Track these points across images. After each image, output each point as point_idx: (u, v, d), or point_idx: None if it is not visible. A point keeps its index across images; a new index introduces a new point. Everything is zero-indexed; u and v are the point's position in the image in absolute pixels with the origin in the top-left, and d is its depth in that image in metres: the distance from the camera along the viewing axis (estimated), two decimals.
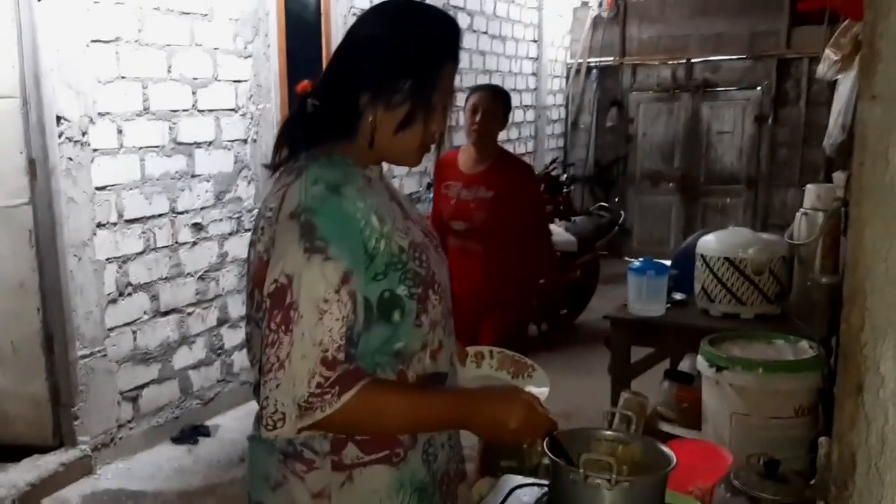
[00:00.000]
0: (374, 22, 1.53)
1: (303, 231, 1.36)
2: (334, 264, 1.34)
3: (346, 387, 1.34)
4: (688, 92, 9.43)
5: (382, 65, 1.46)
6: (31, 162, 3.83)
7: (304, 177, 1.43)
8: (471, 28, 7.52)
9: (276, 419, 1.34)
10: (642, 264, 3.59)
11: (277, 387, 1.34)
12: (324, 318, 1.33)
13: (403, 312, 1.45)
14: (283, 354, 1.34)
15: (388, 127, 1.48)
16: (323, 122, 1.51)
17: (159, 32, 4.26)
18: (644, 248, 8.68)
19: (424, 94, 1.47)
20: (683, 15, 9.34)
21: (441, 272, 1.55)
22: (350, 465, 1.46)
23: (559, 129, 9.97)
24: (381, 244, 1.42)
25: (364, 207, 1.41)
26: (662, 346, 3.86)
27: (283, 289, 1.35)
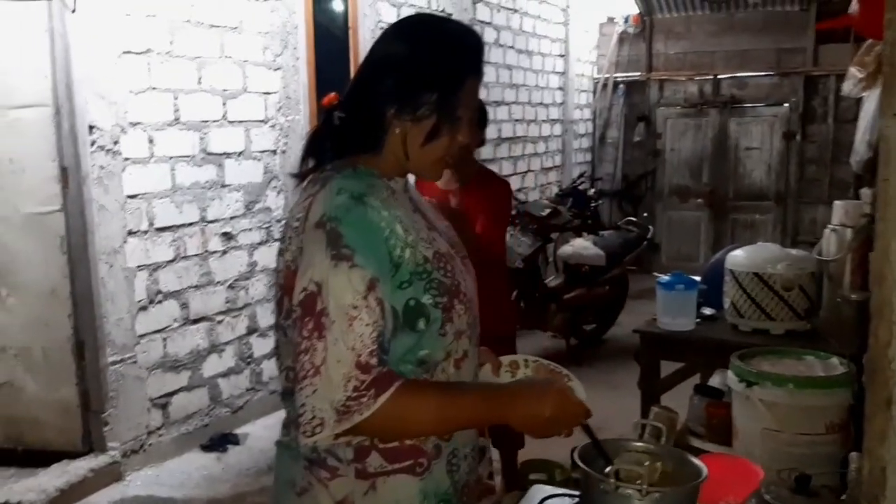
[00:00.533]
0: (400, 36, 1.54)
1: (329, 239, 1.38)
2: (360, 272, 1.36)
3: (382, 389, 1.35)
4: (715, 108, 9.41)
5: (408, 78, 1.47)
6: (64, 170, 3.89)
7: (329, 187, 1.45)
8: (497, 42, 7.55)
9: (314, 425, 1.35)
10: (672, 279, 3.57)
11: (314, 393, 1.35)
12: (354, 325, 1.35)
13: (428, 321, 1.45)
14: (318, 360, 1.35)
15: (415, 140, 1.49)
16: (349, 134, 1.53)
17: (190, 44, 4.31)
18: (672, 264, 8.59)
19: (450, 107, 1.48)
20: (709, 31, 9.37)
21: (466, 283, 1.56)
22: (374, 474, 1.47)
23: (586, 143, 9.97)
24: (406, 253, 1.43)
25: (388, 217, 1.43)
26: (692, 361, 3.82)
27: (313, 296, 1.37)
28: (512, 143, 8.00)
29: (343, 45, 5.59)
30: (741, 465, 2.15)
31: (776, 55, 9.06)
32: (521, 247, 6.15)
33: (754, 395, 2.82)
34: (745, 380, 2.85)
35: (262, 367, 4.92)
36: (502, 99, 7.69)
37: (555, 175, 9.09)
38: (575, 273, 6.35)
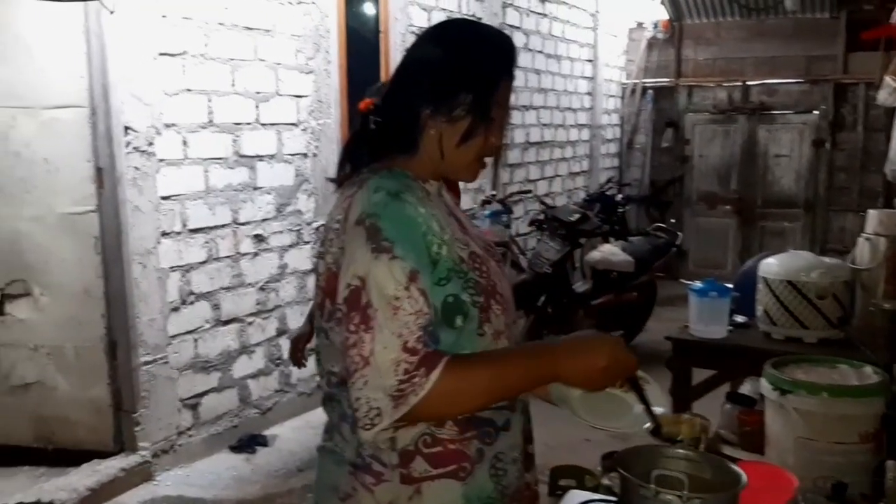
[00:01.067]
0: (436, 39, 1.57)
1: (368, 234, 1.40)
2: (401, 263, 1.38)
3: (432, 365, 1.36)
4: (744, 114, 9.36)
5: (444, 79, 1.50)
6: (99, 171, 3.94)
7: (366, 187, 1.48)
8: (527, 47, 7.55)
9: (372, 416, 1.36)
10: (704, 286, 3.55)
11: (366, 384, 1.36)
12: (398, 314, 1.36)
13: (466, 318, 1.46)
14: (367, 351, 1.36)
15: (450, 140, 1.51)
16: (385, 137, 1.55)
17: (224, 47, 4.35)
18: (700, 271, 8.59)
19: (484, 108, 1.50)
20: (739, 38, 9.32)
21: (502, 284, 1.57)
22: (419, 479, 1.47)
23: (614, 148, 9.94)
24: (444, 250, 1.45)
25: (425, 213, 1.46)
26: (724, 368, 3.80)
27: (357, 290, 1.38)
28: (540, 148, 7.99)
29: (374, 48, 5.61)
30: (776, 473, 2.14)
31: (806, 62, 9.00)
32: (550, 252, 6.15)
33: (788, 404, 2.79)
34: (779, 388, 2.83)
35: (291, 368, 4.95)
36: (531, 103, 7.69)
37: (582, 180, 9.08)
38: (603, 279, 6.32)
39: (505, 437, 1.55)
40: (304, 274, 4.99)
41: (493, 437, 1.53)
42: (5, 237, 4.08)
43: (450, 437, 1.48)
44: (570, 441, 4.34)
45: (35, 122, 3.98)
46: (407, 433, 1.46)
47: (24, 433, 4.19)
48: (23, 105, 3.98)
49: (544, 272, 6.07)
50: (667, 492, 1.41)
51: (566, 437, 4.33)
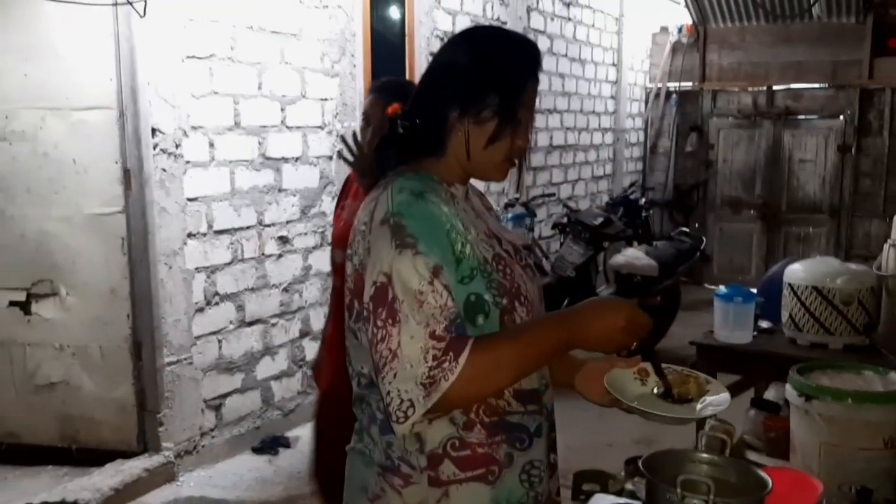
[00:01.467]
0: (462, 44, 1.60)
1: (393, 232, 1.42)
2: (424, 259, 1.40)
3: (460, 349, 1.37)
4: (769, 119, 9.30)
5: (472, 81, 1.52)
6: (126, 172, 3.97)
7: (390, 188, 1.50)
8: (551, 51, 7.54)
9: (404, 408, 1.37)
10: (729, 291, 3.54)
11: (395, 376, 1.37)
12: (423, 308, 1.38)
13: (487, 317, 1.47)
14: (394, 345, 1.37)
15: (478, 141, 1.53)
16: (413, 140, 1.57)
17: (251, 50, 4.38)
18: (724, 276, 8.56)
19: (511, 110, 1.53)
20: (764, 42, 9.27)
21: (528, 287, 1.57)
22: (447, 482, 1.48)
23: (638, 152, 9.91)
24: (468, 248, 1.47)
25: (449, 212, 1.48)
26: (749, 374, 3.78)
27: (384, 287, 1.40)
28: (563, 151, 7.98)
29: (399, 52, 5.63)
30: (800, 479, 2.13)
31: (831, 67, 8.94)
32: (573, 255, 6.14)
33: (813, 410, 2.77)
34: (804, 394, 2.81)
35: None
36: (554, 107, 7.68)
37: (605, 184, 9.05)
38: (627, 283, 6.29)
39: (539, 443, 1.56)
40: (328, 275, 4.98)
41: (525, 442, 1.54)
42: (33, 237, 4.13)
43: (478, 440, 1.49)
44: (593, 445, 4.33)
45: (64, 124, 4.03)
46: (435, 435, 1.47)
47: (48, 432, 4.23)
48: (52, 106, 4.02)
49: (567, 275, 6.06)
50: (693, 496, 1.40)
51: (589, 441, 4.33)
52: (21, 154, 4.10)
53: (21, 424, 4.25)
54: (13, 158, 4.11)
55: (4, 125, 4.09)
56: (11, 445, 4.24)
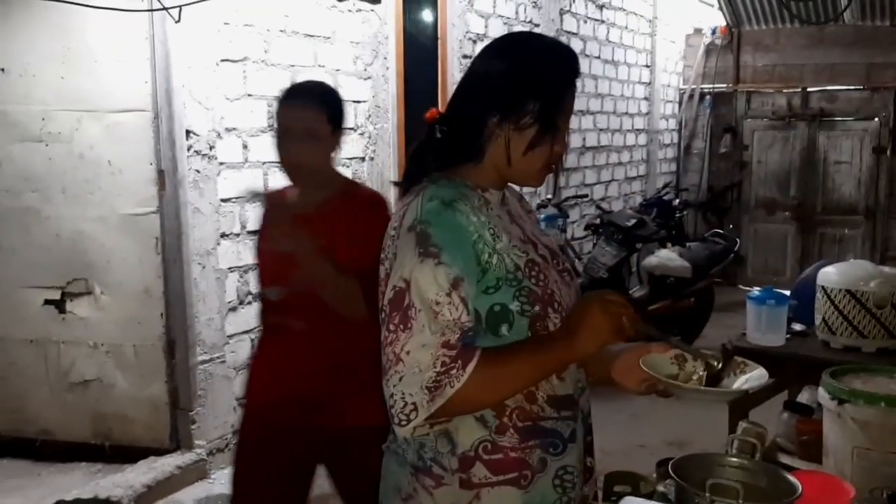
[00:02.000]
0: (504, 50, 1.61)
1: (418, 239, 1.43)
2: (446, 269, 1.41)
3: (468, 358, 1.39)
4: (804, 121, 9.24)
5: (512, 87, 1.52)
6: (161, 173, 4.02)
7: (422, 195, 1.51)
8: (584, 53, 7.52)
9: (407, 412, 1.39)
10: (762, 293, 3.52)
11: (401, 380, 1.39)
12: (438, 319, 1.39)
13: (511, 328, 1.48)
14: (399, 349, 1.39)
15: (518, 148, 1.53)
16: (451, 145, 1.58)
17: (284, 53, 4.42)
18: (758, 278, 8.50)
19: (551, 116, 1.52)
20: (798, 45, 9.22)
21: (563, 293, 1.57)
22: (478, 484, 1.49)
23: (671, 153, 9.85)
24: (494, 259, 1.47)
25: (477, 222, 1.48)
26: (781, 376, 3.74)
27: (402, 292, 1.42)
28: (596, 153, 7.96)
29: (431, 55, 5.64)
30: (832, 483, 2.11)
31: (866, 69, 8.89)
32: (605, 256, 6.12)
33: (846, 413, 2.74)
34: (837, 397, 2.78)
35: None
36: (587, 109, 7.66)
37: (639, 185, 9.01)
38: (660, 284, 6.26)
39: (573, 448, 1.56)
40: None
41: (559, 448, 1.54)
42: (69, 237, 4.20)
43: (511, 444, 1.50)
44: (625, 447, 4.31)
45: (99, 126, 4.09)
46: (467, 438, 1.48)
47: (82, 429, 4.29)
48: (88, 108, 4.08)
49: (600, 277, 6.04)
50: (722, 500, 1.40)
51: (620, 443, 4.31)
52: (57, 155, 4.16)
53: (55, 422, 4.32)
54: (50, 160, 4.17)
55: (41, 127, 4.15)
56: (46, 442, 4.30)
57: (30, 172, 4.20)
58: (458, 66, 5.65)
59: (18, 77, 4.15)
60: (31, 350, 4.31)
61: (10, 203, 4.24)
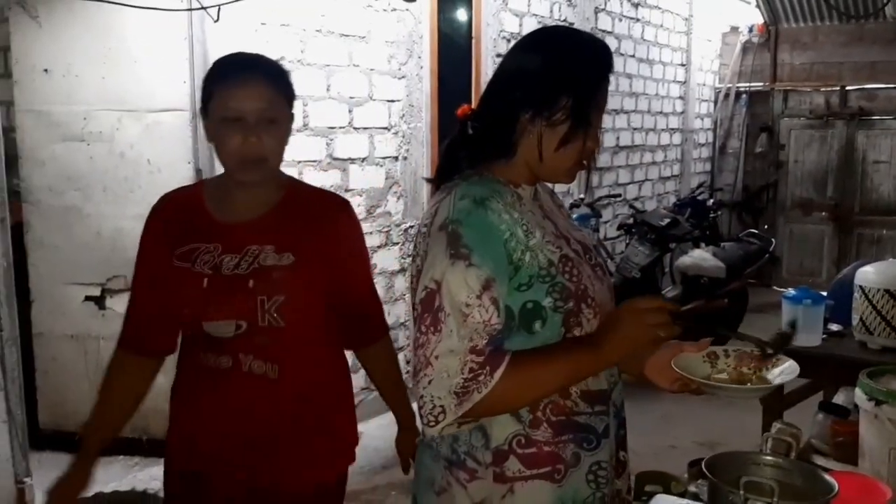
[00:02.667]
0: (537, 45, 1.59)
1: (449, 240, 1.43)
2: (476, 271, 1.41)
3: (497, 364, 1.39)
4: (842, 120, 9.09)
5: (545, 83, 1.51)
6: (198, 172, 4.06)
7: (453, 193, 1.50)
8: (618, 52, 7.48)
9: (435, 413, 1.40)
10: (798, 293, 3.48)
11: (430, 383, 1.40)
12: (468, 321, 1.40)
13: (544, 324, 1.48)
14: (430, 353, 1.40)
15: (550, 144, 1.53)
16: (483, 142, 1.57)
17: (320, 53, 4.45)
18: (794, 278, 8.39)
19: (584, 112, 1.52)
20: (837, 42, 9.09)
21: (597, 288, 1.57)
22: (511, 478, 1.50)
23: (706, 153, 9.77)
24: (527, 256, 1.47)
25: (510, 220, 1.47)
26: (817, 377, 3.71)
27: (432, 294, 1.42)
28: (630, 152, 7.92)
29: (466, 53, 5.65)
30: (868, 485, 2.09)
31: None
32: (638, 256, 6.08)
33: (883, 414, 2.71)
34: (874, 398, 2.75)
35: None
36: (621, 107, 7.62)
37: (673, 184, 8.95)
38: (693, 285, 6.21)
39: (606, 443, 1.56)
40: (392, 274, 5.06)
41: (593, 443, 1.54)
42: (109, 234, 4.26)
43: (544, 439, 1.50)
44: (656, 448, 4.29)
45: (139, 125, 4.15)
46: (500, 432, 1.49)
47: None
48: (128, 108, 4.14)
49: (633, 277, 6.01)
50: (756, 498, 1.39)
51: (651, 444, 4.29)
52: (98, 154, 4.23)
53: None
54: (91, 158, 4.24)
55: (83, 126, 4.22)
56: None
57: (72, 171, 4.28)
58: (492, 66, 5.66)
59: (61, 77, 4.22)
60: (71, 345, 4.39)
61: (54, 201, 4.32)
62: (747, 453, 1.62)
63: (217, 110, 1.85)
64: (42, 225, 4.36)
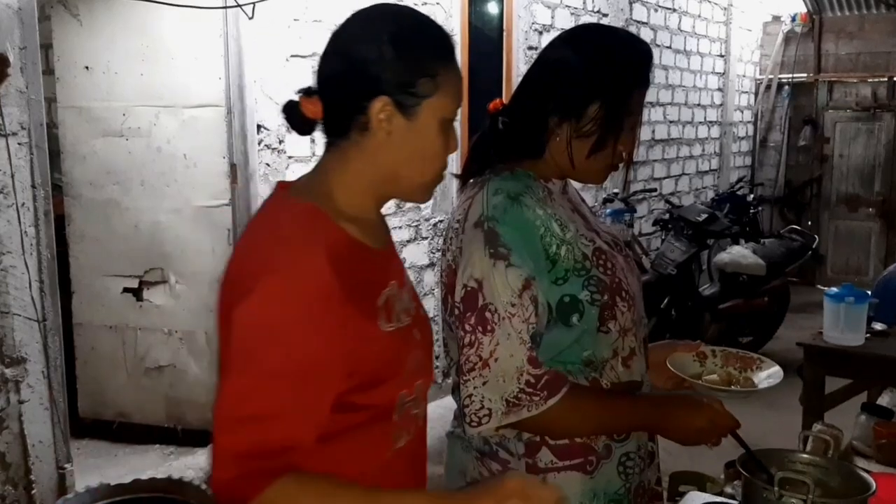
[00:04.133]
0: (571, 45, 1.56)
1: (487, 238, 1.42)
2: (516, 271, 1.40)
3: (553, 391, 1.40)
4: (890, 112, 8.87)
5: (576, 88, 1.49)
6: (233, 167, 4.10)
7: (486, 188, 1.49)
8: (654, 43, 7.38)
9: (481, 415, 1.41)
10: (841, 291, 3.41)
11: (484, 384, 1.40)
12: (513, 322, 1.39)
13: (582, 317, 1.47)
14: (486, 353, 1.39)
15: (580, 152, 1.51)
16: (512, 139, 1.55)
17: None
18: (839, 277, 8.18)
19: (615, 119, 1.49)
20: (884, 31, 8.85)
21: (629, 280, 1.56)
22: (544, 469, 1.50)
23: (746, 146, 9.61)
24: (563, 250, 1.46)
25: (544, 215, 1.47)
26: (860, 377, 3.64)
27: (474, 292, 1.41)
28: (666, 146, 7.81)
29: (497, 46, 5.62)
30: None
31: None
32: (674, 253, 6.00)
33: None
34: None
35: None
36: (657, 100, 7.51)
37: (711, 179, 8.82)
38: (732, 282, 6.11)
39: (635, 434, 1.56)
40: (422, 269, 5.06)
41: (623, 434, 1.54)
42: (146, 228, 4.31)
43: None
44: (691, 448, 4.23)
45: (176, 120, 4.19)
46: None
47: (157, 413, 4.42)
48: (165, 104, 4.19)
49: (668, 273, 5.93)
50: (791, 494, 1.37)
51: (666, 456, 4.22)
52: (136, 149, 4.28)
53: (132, 405, 4.46)
54: (129, 153, 4.30)
55: (122, 122, 4.28)
56: (123, 424, 4.45)
57: (111, 166, 4.34)
58: (523, 58, 5.61)
59: (102, 75, 4.29)
60: (110, 336, 4.46)
61: (94, 195, 4.38)
62: (783, 451, 1.60)
63: (439, 109, 1.31)
64: (83, 218, 4.43)
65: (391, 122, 1.23)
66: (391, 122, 1.23)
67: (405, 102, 1.23)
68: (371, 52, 1.24)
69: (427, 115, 1.25)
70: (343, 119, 1.26)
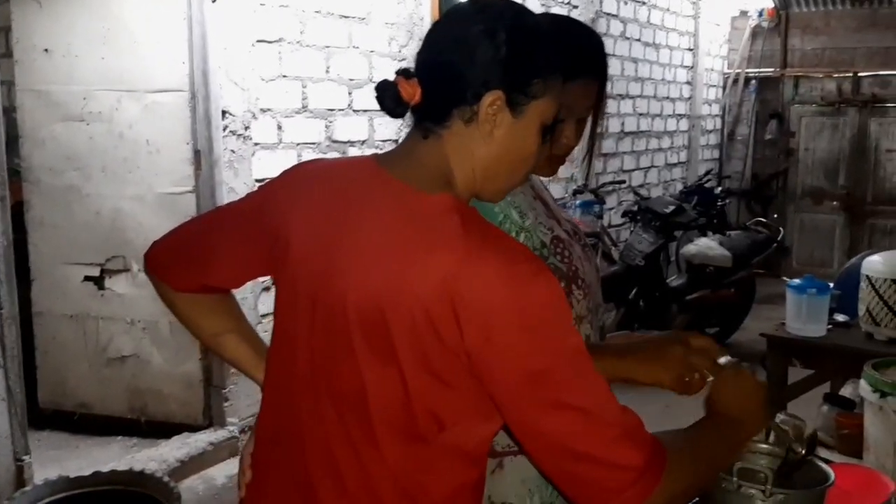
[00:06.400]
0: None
1: None
2: None
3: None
4: (854, 107, 8.97)
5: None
6: (197, 153, 4.05)
7: None
8: (623, 35, 7.40)
9: None
10: (803, 282, 3.44)
11: None
12: None
13: None
14: None
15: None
16: None
17: (319, 34, 4.40)
18: (804, 269, 8.27)
19: None
20: (849, 27, 8.94)
21: (586, 269, 1.56)
22: (501, 453, 1.50)
23: (714, 140, 9.68)
24: (522, 237, 1.47)
25: (503, 203, 1.45)
26: (822, 368, 3.67)
27: None
28: (635, 138, 7.84)
29: None
30: (872, 477, 2.07)
31: None
32: (642, 244, 6.02)
33: (888, 407, 2.67)
34: (879, 390, 2.71)
35: None
36: (627, 92, 7.54)
37: (679, 171, 8.87)
38: (699, 273, 6.15)
39: None
40: None
41: None
42: (107, 215, 4.24)
43: None
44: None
45: (138, 105, 4.12)
46: None
47: (119, 404, 4.35)
48: (127, 89, 4.12)
49: (636, 264, 5.95)
50: (749, 485, 1.36)
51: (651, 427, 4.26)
52: (98, 134, 4.21)
53: (93, 396, 4.39)
54: (90, 138, 4.22)
55: (83, 106, 4.20)
56: (84, 415, 4.38)
57: (71, 151, 4.26)
58: None
59: (61, 58, 4.20)
60: (71, 325, 4.39)
61: (54, 181, 4.30)
62: None
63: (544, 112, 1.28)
64: (42, 204, 4.35)
65: (498, 117, 1.19)
66: (498, 117, 1.19)
67: (516, 100, 1.19)
68: (492, 46, 1.18)
69: (532, 116, 1.21)
70: (447, 106, 1.21)
